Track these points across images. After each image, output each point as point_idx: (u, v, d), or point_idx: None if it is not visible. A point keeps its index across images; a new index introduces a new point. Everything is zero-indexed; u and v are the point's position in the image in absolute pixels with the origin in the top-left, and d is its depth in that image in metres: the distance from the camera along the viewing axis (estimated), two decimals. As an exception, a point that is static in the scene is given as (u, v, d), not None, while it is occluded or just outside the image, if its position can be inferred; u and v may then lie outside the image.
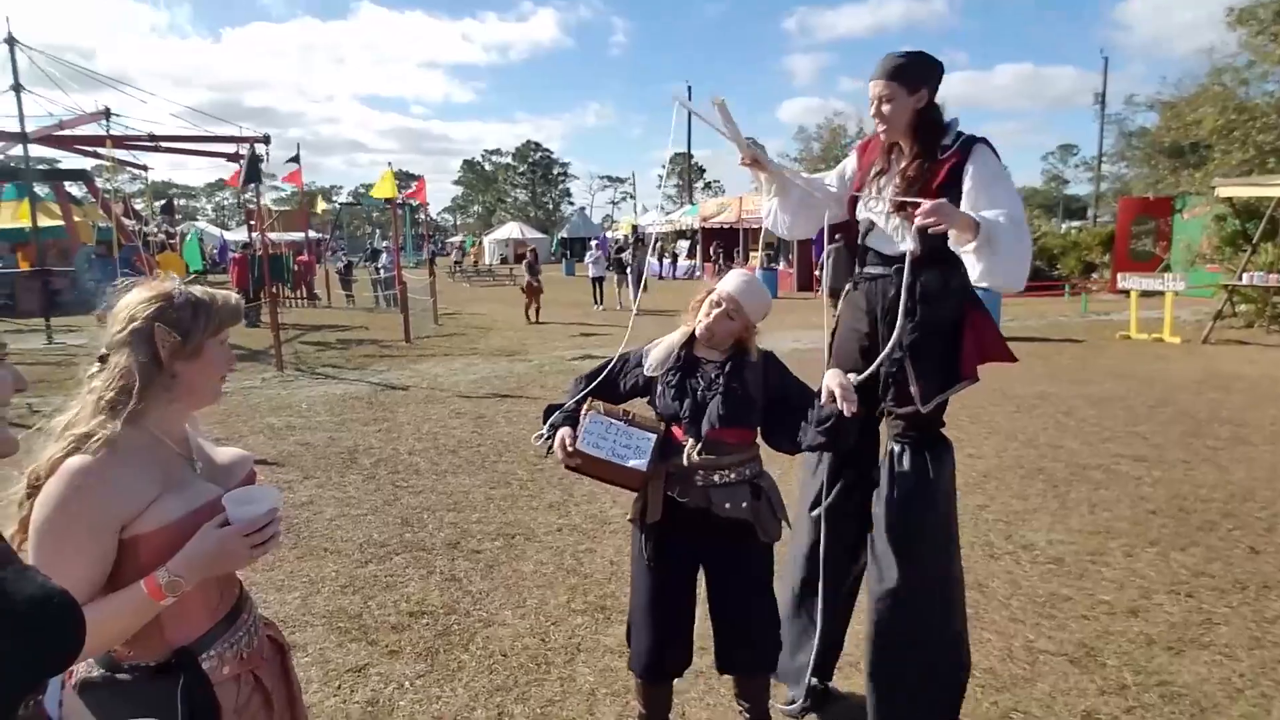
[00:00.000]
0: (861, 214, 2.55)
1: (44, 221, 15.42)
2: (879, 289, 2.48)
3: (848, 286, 2.64)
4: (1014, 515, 4.75)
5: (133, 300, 1.39)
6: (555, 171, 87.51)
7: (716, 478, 2.30)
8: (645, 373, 2.43)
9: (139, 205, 20.20)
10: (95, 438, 1.29)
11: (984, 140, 2.35)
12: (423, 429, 6.94)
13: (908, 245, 2.35)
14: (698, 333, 2.39)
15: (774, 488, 2.42)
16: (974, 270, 2.24)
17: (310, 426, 7.03)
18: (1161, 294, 12.77)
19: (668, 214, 39.21)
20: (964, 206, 2.25)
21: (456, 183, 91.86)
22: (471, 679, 3.04)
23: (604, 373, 2.50)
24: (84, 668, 1.32)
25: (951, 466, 2.59)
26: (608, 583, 3.85)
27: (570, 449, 2.26)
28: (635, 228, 34.75)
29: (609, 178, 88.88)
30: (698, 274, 31.05)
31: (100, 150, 13.34)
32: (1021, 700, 2.88)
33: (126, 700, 1.29)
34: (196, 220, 52.09)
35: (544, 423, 2.42)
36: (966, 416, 7.21)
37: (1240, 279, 12.77)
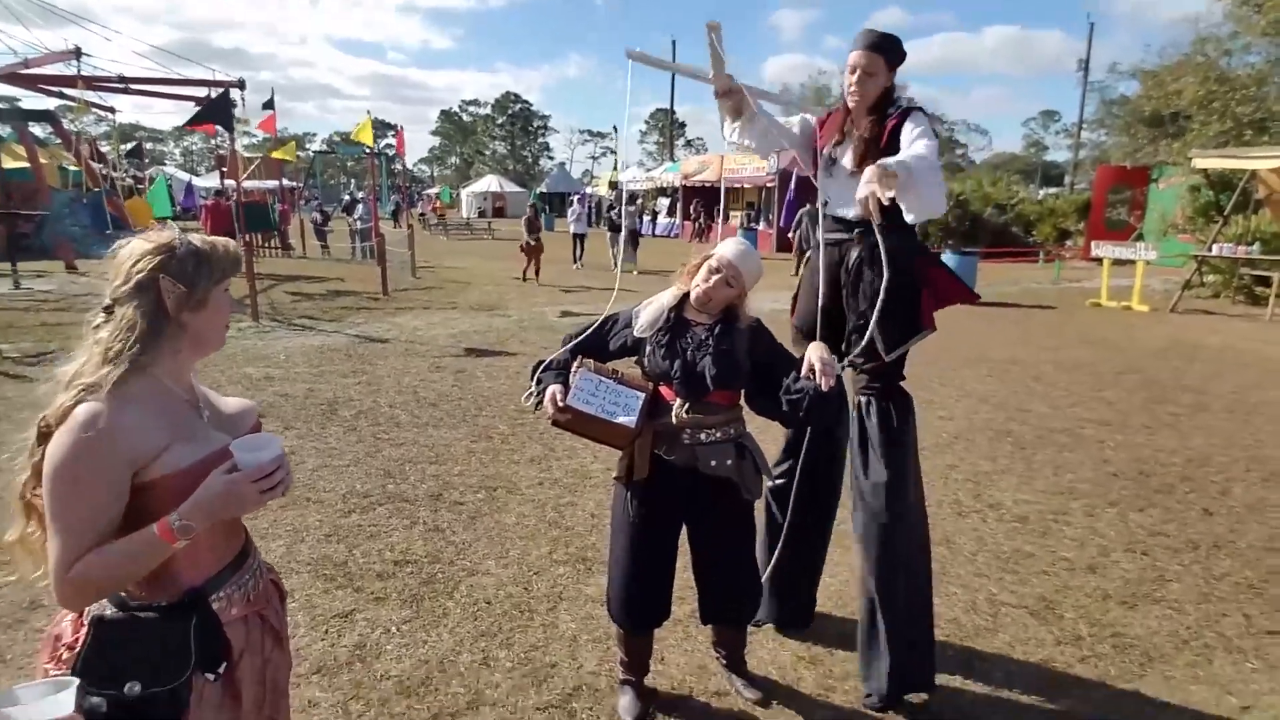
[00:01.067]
0: (821, 187, 2.74)
1: (8, 164, 14.92)
2: (840, 252, 2.68)
3: (809, 251, 2.81)
4: (982, 475, 4.91)
5: (135, 251, 1.40)
6: (535, 124, 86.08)
7: (703, 436, 2.37)
8: (635, 333, 2.47)
9: (105, 148, 19.58)
10: (104, 386, 1.32)
11: (920, 108, 2.62)
12: (403, 382, 6.95)
13: (874, 219, 2.41)
14: (693, 296, 2.42)
15: (757, 447, 2.50)
16: (905, 209, 2.41)
17: (288, 377, 7.01)
18: (1133, 262, 13.00)
19: (648, 170, 38.86)
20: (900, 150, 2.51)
21: (434, 133, 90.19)
22: (456, 625, 3.12)
23: (591, 330, 2.54)
24: (97, 607, 1.36)
25: (913, 416, 2.75)
26: (589, 535, 3.95)
27: (561, 404, 2.29)
28: (615, 184, 34.41)
29: (590, 132, 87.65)
30: (676, 232, 30.94)
31: (68, 91, 12.87)
32: (983, 649, 3.03)
33: (140, 637, 1.33)
34: (164, 165, 50.66)
35: (532, 379, 2.45)
36: (938, 380, 7.37)
37: (1210, 250, 13.03)
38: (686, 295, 2.45)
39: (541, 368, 2.46)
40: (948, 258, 13.11)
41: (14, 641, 2.93)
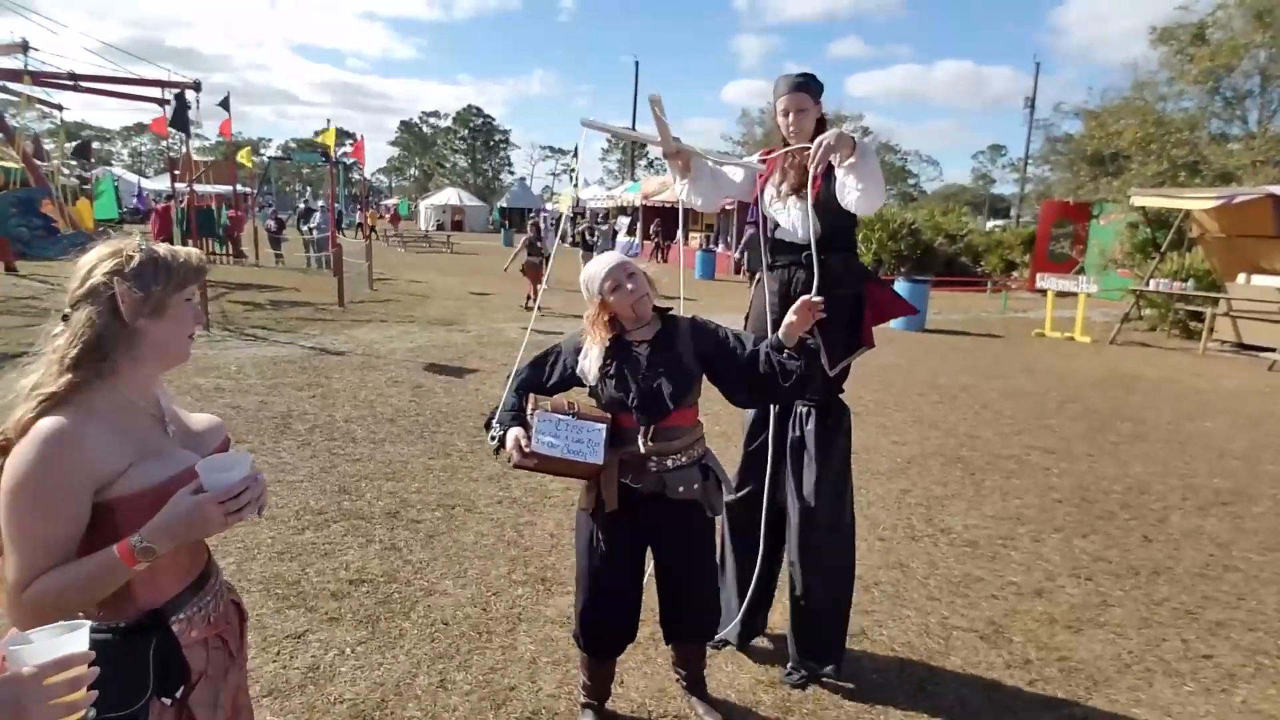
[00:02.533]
0: (769, 213, 2.96)
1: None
2: (790, 275, 2.88)
3: (760, 273, 3.03)
4: (934, 500, 5.02)
5: (92, 257, 1.38)
6: (496, 139, 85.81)
7: (669, 462, 2.38)
8: (579, 373, 2.45)
9: (49, 146, 18.90)
10: (66, 398, 1.29)
11: (853, 137, 2.78)
12: (359, 396, 6.84)
13: (812, 228, 2.70)
14: (625, 319, 2.40)
15: (718, 464, 2.56)
16: (850, 193, 2.60)
17: (240, 389, 6.84)
18: (1075, 295, 13.47)
19: (609, 189, 39.04)
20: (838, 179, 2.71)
21: (393, 143, 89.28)
22: (413, 647, 3.08)
23: (531, 365, 2.54)
24: (52, 629, 1.32)
25: (848, 426, 2.99)
26: (548, 555, 3.93)
27: (527, 450, 2.25)
28: (576, 200, 34.44)
29: (551, 148, 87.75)
30: (635, 251, 31.08)
31: (12, 85, 12.41)
32: (935, 672, 3.09)
33: (97, 658, 1.29)
34: (111, 165, 49.10)
35: (487, 429, 2.42)
36: (893, 405, 7.53)
37: (1147, 285, 13.58)
38: (619, 324, 2.42)
39: (495, 413, 2.42)
40: (901, 285, 13.44)
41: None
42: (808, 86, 2.79)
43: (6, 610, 1.25)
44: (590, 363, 2.40)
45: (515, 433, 2.30)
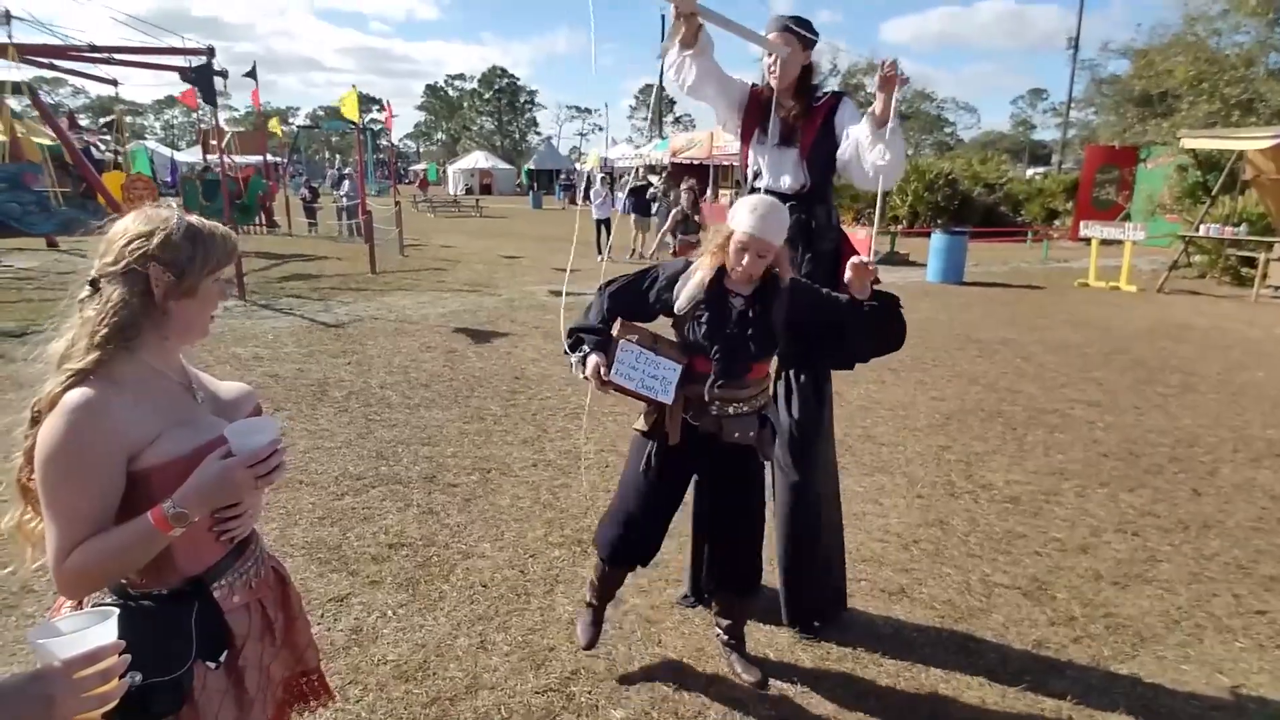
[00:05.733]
0: (752, 160, 2.93)
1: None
2: None
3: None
4: (974, 456, 4.93)
5: (129, 231, 1.35)
6: (522, 100, 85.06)
7: (731, 409, 2.41)
8: (675, 308, 2.45)
9: (84, 121, 19.15)
10: (93, 372, 1.29)
11: (848, 94, 2.87)
12: (393, 362, 6.89)
13: (797, 179, 2.77)
14: (734, 276, 2.38)
15: (776, 415, 2.60)
16: (876, 161, 2.53)
17: (277, 358, 6.94)
18: (1121, 243, 13.03)
19: (638, 147, 38.53)
20: (843, 140, 2.72)
21: (419, 108, 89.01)
22: (453, 609, 3.12)
23: (630, 282, 2.57)
24: (96, 596, 1.34)
25: (829, 376, 3.00)
26: (583, 517, 3.94)
27: (605, 378, 2.37)
28: (603, 160, 34.10)
29: (577, 108, 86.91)
30: (667, 210, 30.71)
31: (57, 62, 12.51)
32: (977, 630, 3.05)
33: (140, 626, 1.31)
34: (145, 139, 49.65)
35: (569, 343, 2.49)
36: (930, 360, 7.40)
37: (1197, 230, 13.08)
38: (723, 265, 2.40)
39: (580, 329, 2.49)
40: (937, 237, 13.12)
41: (5, 628, 2.89)
42: (793, 30, 2.74)
43: (52, 577, 1.27)
44: (688, 291, 2.40)
45: (595, 360, 2.39)
